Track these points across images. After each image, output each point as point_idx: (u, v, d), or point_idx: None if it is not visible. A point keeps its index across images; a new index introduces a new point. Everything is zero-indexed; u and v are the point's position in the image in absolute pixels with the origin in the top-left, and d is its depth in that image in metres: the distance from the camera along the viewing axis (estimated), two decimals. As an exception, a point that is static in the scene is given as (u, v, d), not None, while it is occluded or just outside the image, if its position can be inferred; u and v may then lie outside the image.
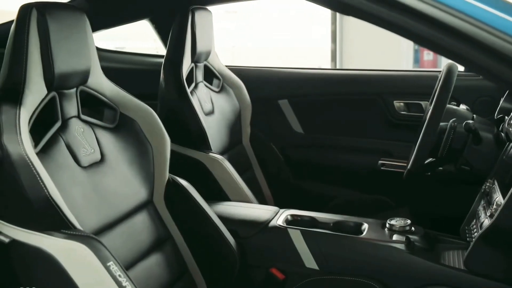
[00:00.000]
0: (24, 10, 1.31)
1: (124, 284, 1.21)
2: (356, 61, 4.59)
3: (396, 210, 2.26)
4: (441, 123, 1.82)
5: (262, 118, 2.58)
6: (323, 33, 5.51)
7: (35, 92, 1.32)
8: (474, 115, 1.96)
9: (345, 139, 2.57)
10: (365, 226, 1.72)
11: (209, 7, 2.35)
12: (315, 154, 2.59)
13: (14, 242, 1.20)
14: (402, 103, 2.45)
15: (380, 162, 2.43)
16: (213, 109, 2.28)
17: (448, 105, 1.91)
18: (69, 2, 2.31)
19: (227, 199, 2.03)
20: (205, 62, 2.31)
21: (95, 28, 2.48)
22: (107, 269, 1.21)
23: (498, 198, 1.51)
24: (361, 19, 0.90)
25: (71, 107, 1.44)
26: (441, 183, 2.21)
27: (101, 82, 1.55)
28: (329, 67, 5.09)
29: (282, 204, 1.95)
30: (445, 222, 1.84)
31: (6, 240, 1.20)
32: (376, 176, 2.44)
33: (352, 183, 2.51)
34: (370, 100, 2.49)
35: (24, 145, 1.20)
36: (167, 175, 1.65)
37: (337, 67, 5.01)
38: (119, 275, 1.22)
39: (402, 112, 2.44)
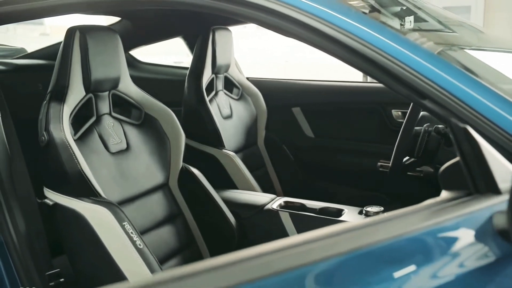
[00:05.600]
0: (70, 32, 1.70)
1: (135, 239, 1.59)
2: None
3: (390, 205, 2.52)
4: (417, 128, 2.10)
5: (277, 124, 2.90)
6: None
7: (76, 93, 1.71)
8: None
9: (349, 143, 2.84)
10: (345, 211, 2.02)
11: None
12: (323, 155, 2.88)
13: (56, 205, 1.61)
14: (399, 112, 2.69)
15: (379, 163, 2.67)
16: (231, 114, 2.64)
17: (426, 112, 2.19)
18: (114, 23, 2.73)
19: (236, 188, 2.36)
20: (225, 74, 2.67)
21: (137, 44, 2.92)
22: (122, 227, 1.58)
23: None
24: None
25: (104, 106, 1.83)
26: (425, 180, 2.46)
27: (129, 88, 1.93)
28: (361, 80, 5.36)
29: None
30: None
31: (51, 203, 1.62)
32: (374, 175, 2.68)
33: (353, 181, 2.78)
34: (372, 109, 2.76)
35: (65, 132, 1.59)
36: (181, 163, 2.00)
37: (368, 80, 5.28)
38: (131, 233, 1.59)
39: (399, 120, 2.67)
